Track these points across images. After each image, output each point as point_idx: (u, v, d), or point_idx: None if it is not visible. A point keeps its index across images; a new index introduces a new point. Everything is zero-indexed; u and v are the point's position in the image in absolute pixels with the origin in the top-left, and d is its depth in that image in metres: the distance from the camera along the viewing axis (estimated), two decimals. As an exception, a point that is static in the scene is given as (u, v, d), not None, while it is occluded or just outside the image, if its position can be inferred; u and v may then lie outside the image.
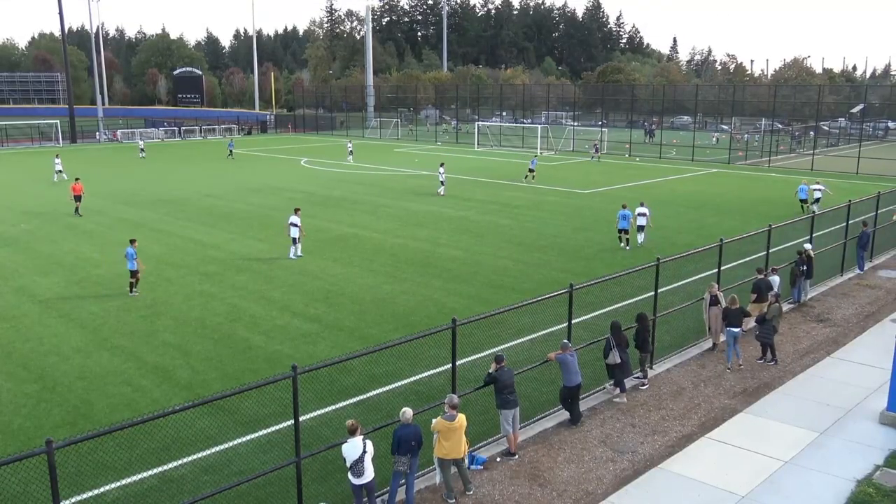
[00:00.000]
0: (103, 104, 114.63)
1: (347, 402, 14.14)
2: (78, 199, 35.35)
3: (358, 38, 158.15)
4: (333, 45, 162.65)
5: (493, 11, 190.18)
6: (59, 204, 38.18)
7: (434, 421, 11.18)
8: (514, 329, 17.25)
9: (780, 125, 76.40)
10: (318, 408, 13.56)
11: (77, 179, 36.28)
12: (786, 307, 19.67)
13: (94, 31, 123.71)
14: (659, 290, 16.52)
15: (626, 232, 27.73)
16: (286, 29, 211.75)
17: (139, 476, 11.65)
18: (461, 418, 11.07)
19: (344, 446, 10.31)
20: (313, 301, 21.15)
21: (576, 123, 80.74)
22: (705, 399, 14.86)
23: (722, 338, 17.61)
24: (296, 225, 26.10)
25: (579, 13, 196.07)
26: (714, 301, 17.24)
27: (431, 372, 15.22)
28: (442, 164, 43.72)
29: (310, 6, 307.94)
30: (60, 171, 48.48)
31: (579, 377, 13.45)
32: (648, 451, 12.73)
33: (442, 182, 41.48)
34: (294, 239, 26.26)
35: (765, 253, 20.60)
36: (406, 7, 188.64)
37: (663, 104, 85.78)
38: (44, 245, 28.46)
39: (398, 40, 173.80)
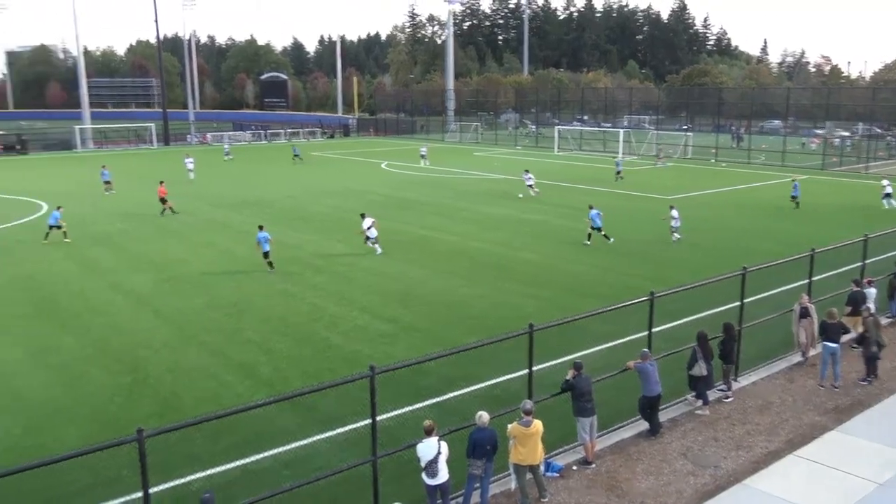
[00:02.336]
0: (194, 108, 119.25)
1: (424, 403, 14.22)
2: (163, 201, 36.73)
3: (439, 42, 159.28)
4: (415, 50, 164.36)
5: (576, 14, 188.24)
6: (151, 206, 39.89)
7: (510, 426, 11.13)
8: (592, 336, 17.01)
9: (878, 129, 72.72)
10: (394, 408, 13.69)
11: (161, 182, 37.79)
12: (884, 321, 18.67)
13: (187, 38, 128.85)
14: (745, 300, 15.98)
15: (599, 230, 28.90)
16: (369, 34, 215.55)
17: (223, 467, 12.03)
18: (537, 424, 10.98)
19: (419, 446, 10.37)
20: (391, 302, 21.39)
21: (656, 127, 79.04)
22: (794, 414, 14.27)
23: (812, 352, 16.89)
24: (371, 227, 27.37)
25: (664, 15, 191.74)
26: (804, 313, 16.53)
27: (508, 376, 15.16)
28: (527, 171, 44.01)
29: (393, 12, 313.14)
30: (191, 170, 51.11)
31: (659, 387, 13.15)
32: (732, 466, 12.32)
33: (529, 185, 42.10)
34: (373, 239, 27.45)
35: (860, 264, 19.64)
36: (487, 11, 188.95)
37: (752, 108, 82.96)
38: (137, 244, 29.77)
39: (479, 44, 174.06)
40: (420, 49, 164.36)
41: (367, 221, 27.60)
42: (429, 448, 10.27)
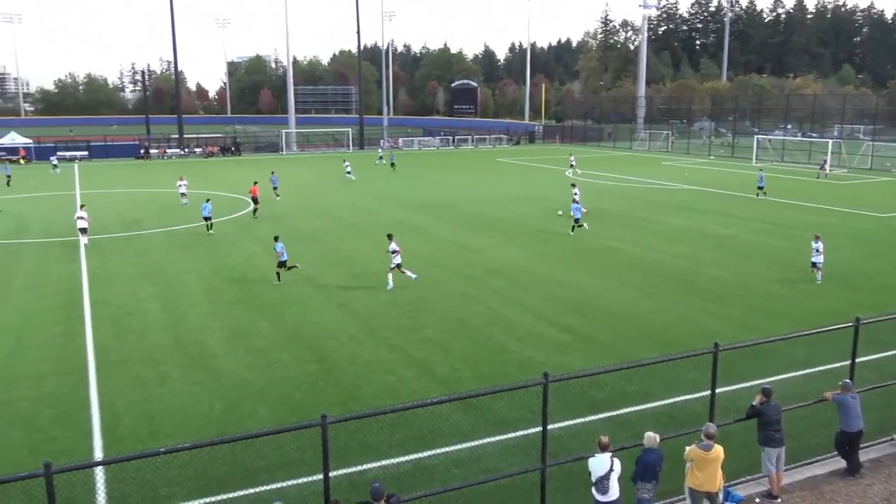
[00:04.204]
0: (388, 114, 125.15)
1: (596, 416, 13.90)
2: (255, 201, 38.45)
3: (632, 48, 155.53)
4: (606, 56, 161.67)
5: (783, 16, 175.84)
6: (344, 206, 42.32)
7: (688, 449, 10.58)
8: (784, 361, 15.80)
9: None
10: (566, 418, 13.49)
11: (255, 182, 39.72)
12: None
13: (385, 47, 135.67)
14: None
15: (578, 221, 33.02)
16: (559, 41, 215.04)
17: (396, 460, 12.44)
18: (718, 450, 10.34)
19: (591, 460, 10.13)
20: (568, 311, 21.12)
21: (872, 138, 71.86)
22: None
23: None
24: (396, 251, 23.88)
25: (888, 14, 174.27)
26: None
27: (687, 396, 14.43)
28: (574, 185, 39.29)
29: (585, 18, 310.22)
30: (349, 173, 53.96)
31: (861, 423, 11.90)
32: (946, 520, 10.89)
33: (575, 201, 36.20)
34: (396, 265, 23.90)
35: None
36: (685, 15, 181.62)
37: None
38: (331, 241, 31.69)
39: (674, 49, 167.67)
40: (612, 55, 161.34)
41: (393, 245, 23.99)
42: (601, 464, 10.00)
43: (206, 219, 33.24)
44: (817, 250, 24.19)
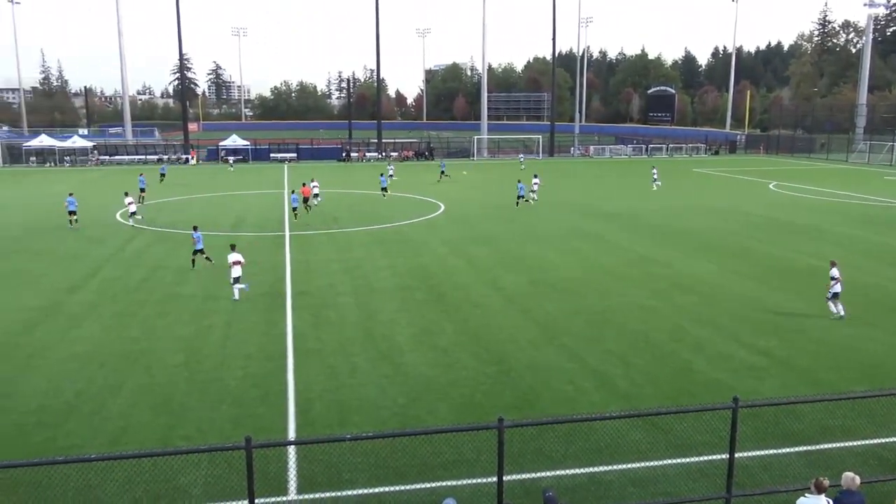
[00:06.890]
0: (580, 121, 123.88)
1: (791, 449, 12.84)
2: (306, 200, 40.86)
3: (853, 51, 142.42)
4: (822, 60, 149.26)
5: None
6: (517, 211, 42.49)
7: (899, 495, 9.50)
8: None
9: None
10: (755, 448, 12.61)
11: (303, 184, 42.44)
12: None
13: (580, 54, 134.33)
14: None
15: (522, 197, 43.03)
16: (769, 45, 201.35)
17: (571, 471, 12.24)
18: (936, 501, 9.18)
19: (803, 500, 9.21)
20: (763, 334, 19.72)
21: None
22: None
23: None
24: (238, 262, 23.02)
25: None
26: None
27: (902, 438, 12.96)
28: (536, 176, 47.45)
29: (799, 20, 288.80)
30: (392, 175, 56.87)
31: None
32: None
33: (533, 191, 45.42)
34: (236, 278, 22.93)
35: None
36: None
37: None
38: (514, 246, 31.90)
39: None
40: (829, 59, 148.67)
41: (233, 256, 23.13)
42: None
43: (296, 209, 38.75)
44: (834, 277, 21.08)
